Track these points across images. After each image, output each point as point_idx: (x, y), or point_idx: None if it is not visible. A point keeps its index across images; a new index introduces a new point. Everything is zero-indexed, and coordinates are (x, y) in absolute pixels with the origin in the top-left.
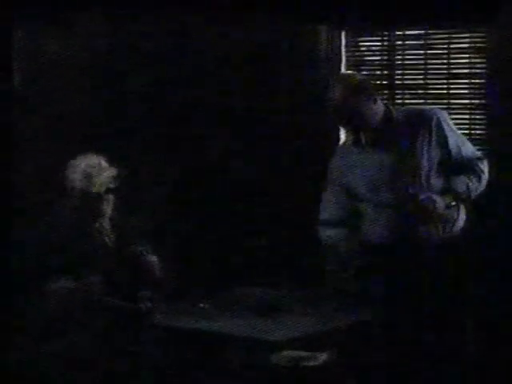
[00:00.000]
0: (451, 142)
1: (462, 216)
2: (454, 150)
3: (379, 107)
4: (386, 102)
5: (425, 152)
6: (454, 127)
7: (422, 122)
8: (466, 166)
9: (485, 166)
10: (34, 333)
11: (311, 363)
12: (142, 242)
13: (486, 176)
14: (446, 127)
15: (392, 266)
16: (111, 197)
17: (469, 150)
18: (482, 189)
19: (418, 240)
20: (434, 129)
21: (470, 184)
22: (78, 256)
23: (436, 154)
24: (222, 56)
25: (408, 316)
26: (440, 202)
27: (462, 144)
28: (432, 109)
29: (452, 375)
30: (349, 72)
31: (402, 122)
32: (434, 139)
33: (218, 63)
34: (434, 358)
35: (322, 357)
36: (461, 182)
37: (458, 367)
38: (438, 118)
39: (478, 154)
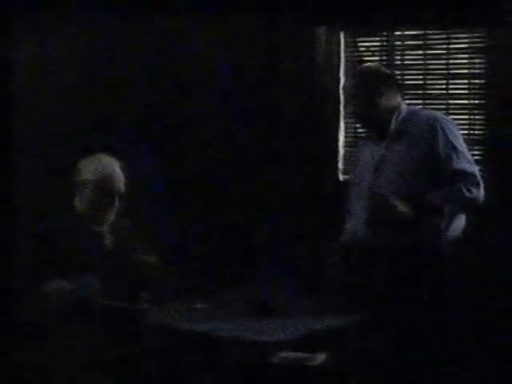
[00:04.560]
0: (443, 151)
1: (455, 226)
2: (444, 161)
3: (388, 102)
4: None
5: (415, 155)
6: (455, 138)
7: (420, 125)
8: (453, 180)
9: (476, 186)
10: (33, 333)
11: (310, 364)
12: (139, 242)
13: (472, 195)
14: (441, 135)
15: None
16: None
17: (462, 163)
18: (464, 205)
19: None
20: (428, 134)
21: (449, 198)
22: (75, 256)
23: (425, 159)
24: (220, 56)
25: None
26: (397, 205)
27: (456, 157)
28: (436, 115)
29: (451, 375)
30: (371, 64)
31: (405, 121)
32: (426, 145)
33: (217, 64)
34: (433, 356)
35: (321, 357)
36: (435, 194)
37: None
38: (435, 125)
39: (473, 170)
